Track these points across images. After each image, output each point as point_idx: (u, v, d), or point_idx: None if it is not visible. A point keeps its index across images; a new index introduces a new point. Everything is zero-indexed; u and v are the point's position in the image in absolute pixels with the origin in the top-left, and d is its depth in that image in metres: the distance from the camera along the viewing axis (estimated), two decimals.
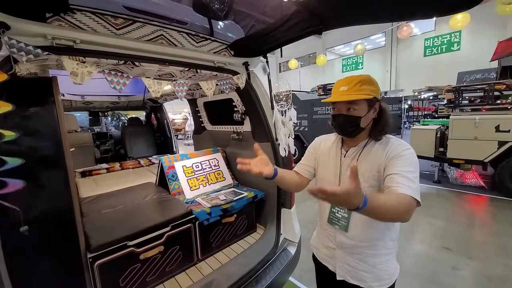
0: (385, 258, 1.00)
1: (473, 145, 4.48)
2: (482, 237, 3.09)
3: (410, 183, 0.83)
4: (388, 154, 0.93)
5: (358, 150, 1.02)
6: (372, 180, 0.95)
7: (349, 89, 0.94)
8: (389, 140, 0.98)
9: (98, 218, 1.55)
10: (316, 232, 1.26)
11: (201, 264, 1.74)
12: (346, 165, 1.03)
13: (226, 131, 2.63)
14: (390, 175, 0.87)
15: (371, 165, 0.96)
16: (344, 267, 1.05)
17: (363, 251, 1.00)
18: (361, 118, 0.96)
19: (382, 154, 0.95)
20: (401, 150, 0.92)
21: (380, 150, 0.96)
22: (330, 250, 1.10)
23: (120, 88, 1.23)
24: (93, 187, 2.33)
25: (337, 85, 0.99)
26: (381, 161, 0.94)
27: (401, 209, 0.78)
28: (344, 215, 1.03)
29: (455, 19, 3.20)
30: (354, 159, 1.01)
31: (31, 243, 1.01)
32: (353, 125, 0.97)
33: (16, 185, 0.91)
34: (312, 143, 1.26)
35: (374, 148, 0.99)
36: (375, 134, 0.99)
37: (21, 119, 0.99)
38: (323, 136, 1.24)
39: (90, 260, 1.23)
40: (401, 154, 0.91)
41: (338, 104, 0.99)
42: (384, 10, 1.09)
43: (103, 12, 1.09)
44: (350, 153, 1.04)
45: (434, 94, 8.75)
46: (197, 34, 1.44)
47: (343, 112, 0.97)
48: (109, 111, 4.52)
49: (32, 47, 0.99)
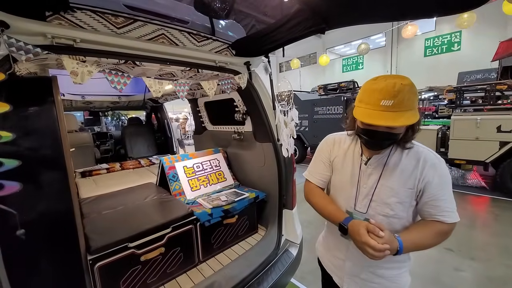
0: (398, 271, 0.94)
1: (474, 146, 4.46)
2: (484, 238, 3.08)
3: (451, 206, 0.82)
4: (424, 171, 0.83)
5: (382, 158, 0.90)
6: (403, 196, 0.85)
7: (395, 105, 0.73)
8: (418, 150, 0.87)
9: (98, 219, 1.53)
10: (323, 236, 1.19)
11: (202, 265, 1.73)
12: (368, 174, 0.92)
13: (227, 131, 2.62)
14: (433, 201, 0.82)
15: (402, 179, 0.85)
16: (354, 281, 0.98)
17: (376, 263, 0.91)
18: (401, 134, 0.82)
19: (415, 168, 0.84)
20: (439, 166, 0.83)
21: (410, 163, 0.85)
22: (338, 260, 1.03)
23: (120, 88, 1.21)
24: (93, 188, 2.31)
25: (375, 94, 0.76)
26: (414, 176, 0.84)
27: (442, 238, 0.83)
28: None
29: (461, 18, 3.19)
30: (377, 169, 0.90)
31: (30, 246, 1.00)
32: (390, 142, 0.84)
33: (12, 188, 0.90)
34: (322, 145, 1.10)
35: (402, 159, 0.87)
36: (405, 142, 0.86)
37: (19, 120, 0.97)
38: (334, 136, 1.08)
39: (91, 262, 1.22)
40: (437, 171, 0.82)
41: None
42: (388, 8, 1.08)
43: (103, 11, 1.08)
44: (373, 161, 0.91)
45: (435, 94, 8.73)
46: (199, 34, 1.42)
47: (382, 130, 0.79)
48: (110, 111, 4.50)
49: (32, 46, 0.97)
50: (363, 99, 0.81)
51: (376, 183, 0.89)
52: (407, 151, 0.88)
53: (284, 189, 1.94)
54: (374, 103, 0.76)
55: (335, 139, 1.07)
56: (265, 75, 1.97)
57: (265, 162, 2.06)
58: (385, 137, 0.81)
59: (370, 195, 0.90)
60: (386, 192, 0.87)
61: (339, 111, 6.30)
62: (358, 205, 0.94)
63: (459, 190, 4.77)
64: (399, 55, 13.10)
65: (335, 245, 1.05)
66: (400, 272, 0.94)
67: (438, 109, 8.54)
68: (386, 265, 0.93)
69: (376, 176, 0.90)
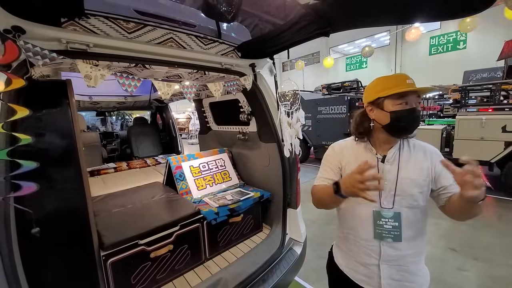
0: (422, 263, 0.97)
1: (479, 146, 4.43)
2: (487, 238, 3.07)
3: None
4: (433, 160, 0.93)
5: (395, 153, 0.96)
6: (423, 185, 0.91)
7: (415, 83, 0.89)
8: (420, 143, 0.98)
9: (109, 217, 1.59)
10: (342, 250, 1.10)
11: (209, 263, 1.77)
12: (387, 171, 0.95)
13: (232, 132, 2.65)
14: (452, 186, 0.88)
15: (419, 170, 0.92)
16: (388, 283, 0.94)
17: (408, 260, 0.93)
18: None
19: (424, 158, 0.94)
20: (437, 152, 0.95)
21: (419, 155, 0.95)
22: (372, 267, 0.97)
23: (131, 90, 1.25)
24: (101, 187, 2.37)
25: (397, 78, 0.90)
26: (427, 166, 0.92)
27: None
28: (394, 224, 0.92)
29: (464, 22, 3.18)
30: (394, 164, 0.95)
31: (47, 242, 1.04)
32: (419, 119, 0.95)
33: (29, 188, 0.93)
34: (329, 153, 1.10)
35: (412, 152, 0.96)
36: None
37: (37, 123, 1.02)
38: (339, 143, 1.10)
39: (103, 258, 1.27)
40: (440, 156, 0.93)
41: (411, 97, 0.89)
42: (392, 12, 1.10)
43: (115, 17, 1.12)
44: (389, 156, 0.96)
45: (440, 93, 8.65)
46: (205, 37, 1.46)
47: (415, 106, 0.90)
48: (116, 111, 4.56)
49: (48, 51, 1.01)
50: (386, 86, 0.90)
51: (396, 177, 0.93)
52: (411, 145, 0.97)
53: (289, 189, 1.97)
54: (400, 83, 0.88)
55: (342, 145, 1.07)
56: (270, 76, 2.00)
57: (270, 162, 2.09)
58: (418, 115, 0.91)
59: (393, 190, 0.93)
60: (408, 184, 0.91)
61: (343, 111, 6.29)
62: (383, 203, 0.94)
63: None
64: (403, 53, 12.99)
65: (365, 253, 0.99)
66: (423, 264, 0.97)
67: (443, 108, 8.48)
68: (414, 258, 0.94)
69: (395, 171, 0.94)
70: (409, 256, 0.93)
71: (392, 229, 0.92)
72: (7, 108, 0.89)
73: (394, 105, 0.89)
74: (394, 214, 0.92)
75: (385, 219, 0.93)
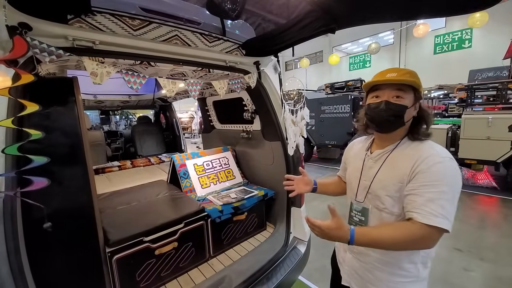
0: (400, 279, 0.88)
1: (485, 145, 4.38)
2: (493, 238, 3.04)
3: (434, 208, 0.71)
4: (416, 165, 0.79)
5: (384, 153, 0.92)
6: (392, 191, 0.84)
7: (398, 75, 0.82)
8: (423, 146, 0.84)
9: (114, 214, 1.59)
10: None
11: (213, 260, 1.77)
12: (368, 167, 0.95)
13: (235, 130, 2.65)
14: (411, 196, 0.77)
15: (395, 173, 0.85)
16: (351, 273, 1.01)
17: (371, 262, 0.92)
18: (407, 108, 0.82)
19: (410, 162, 0.81)
20: (432, 162, 0.76)
21: (409, 157, 0.83)
22: (343, 252, 1.08)
23: (137, 88, 1.26)
24: (106, 184, 2.39)
25: (383, 72, 0.86)
26: (406, 171, 0.81)
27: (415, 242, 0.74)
28: (361, 217, 0.96)
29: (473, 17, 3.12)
30: (378, 162, 0.92)
31: (54, 238, 1.05)
32: (396, 115, 0.83)
33: (41, 183, 0.94)
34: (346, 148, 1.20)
35: (403, 153, 0.86)
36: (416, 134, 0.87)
37: (46, 118, 1.03)
38: (355, 140, 1.17)
39: (109, 255, 1.27)
40: (430, 168, 0.76)
41: (384, 90, 0.85)
42: (399, 8, 1.08)
43: (121, 14, 1.12)
44: (375, 155, 0.94)
45: (445, 92, 8.57)
46: (210, 34, 1.46)
47: (388, 99, 0.84)
48: (120, 109, 4.59)
49: (54, 48, 1.02)
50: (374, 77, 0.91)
51: (374, 176, 0.92)
52: (413, 146, 0.86)
53: None
54: (380, 76, 0.87)
55: (354, 142, 1.16)
56: (274, 74, 1.99)
57: (274, 160, 2.09)
58: (392, 107, 0.83)
59: (367, 188, 0.94)
60: (377, 184, 0.90)
61: (346, 110, 6.26)
62: (358, 197, 0.99)
63: (469, 190, 4.70)
64: (407, 52, 12.88)
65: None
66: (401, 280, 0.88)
67: (448, 107, 8.39)
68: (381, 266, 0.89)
69: (375, 170, 0.93)
70: (373, 259, 0.91)
71: (359, 222, 0.97)
72: (17, 103, 0.90)
73: (369, 98, 0.92)
74: (362, 209, 0.96)
75: (354, 211, 0.99)
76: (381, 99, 0.85)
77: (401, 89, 0.83)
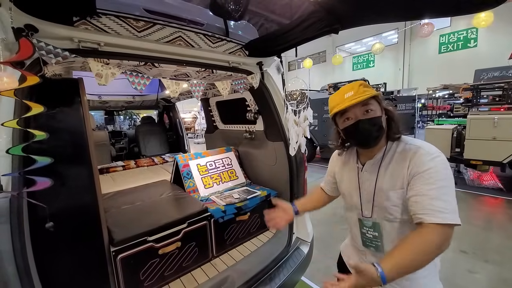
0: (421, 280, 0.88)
1: (491, 146, 4.32)
2: (499, 240, 2.99)
3: (440, 204, 0.71)
4: (411, 168, 0.80)
5: (375, 163, 0.91)
6: (395, 198, 0.83)
7: (356, 93, 0.83)
8: (410, 148, 0.85)
9: (118, 213, 1.61)
10: (348, 240, 1.18)
11: (216, 260, 1.78)
12: (365, 180, 0.93)
13: (238, 130, 2.66)
14: (414, 197, 0.76)
15: (393, 180, 0.84)
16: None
17: None
18: (381, 117, 0.85)
19: (403, 166, 0.82)
20: (425, 161, 0.78)
21: (401, 163, 0.84)
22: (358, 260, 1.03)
23: (141, 89, 1.27)
24: (111, 184, 2.41)
25: (339, 95, 0.87)
26: (403, 176, 0.82)
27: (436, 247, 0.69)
28: (374, 233, 0.92)
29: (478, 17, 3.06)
30: (373, 173, 0.91)
31: (59, 237, 1.06)
32: (377, 127, 0.84)
33: (44, 183, 0.96)
34: (331, 158, 1.20)
35: (393, 160, 0.87)
36: (393, 134, 0.89)
37: (51, 119, 1.04)
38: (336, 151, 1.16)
39: (113, 254, 1.28)
40: (426, 167, 0.77)
41: (352, 111, 0.85)
42: (403, 8, 1.08)
43: (126, 15, 1.13)
44: (368, 167, 0.93)
45: (450, 92, 8.49)
46: (213, 35, 1.46)
47: (361, 117, 0.85)
48: (124, 110, 4.63)
49: (60, 49, 1.03)
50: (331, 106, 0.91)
51: (374, 188, 0.89)
52: (400, 149, 0.87)
53: (296, 188, 1.96)
54: (339, 100, 0.87)
55: (337, 153, 1.13)
56: (277, 75, 1.99)
57: (277, 161, 2.09)
58: (367, 123, 0.84)
59: (371, 201, 0.91)
60: (381, 196, 0.87)
61: None
62: (364, 212, 0.95)
63: (475, 191, 4.64)
64: (412, 52, 12.77)
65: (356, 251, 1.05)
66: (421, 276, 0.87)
67: (453, 108, 8.31)
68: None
69: (372, 181, 0.90)
70: None
71: (373, 239, 0.93)
72: (22, 105, 0.91)
73: (341, 122, 0.91)
74: (373, 224, 0.92)
75: (366, 228, 0.95)
76: (354, 120, 0.86)
77: (365, 103, 0.84)
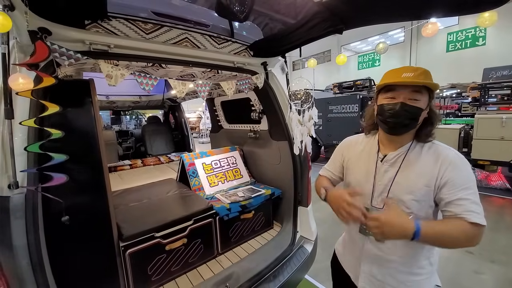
0: (418, 277, 0.91)
1: (499, 146, 4.25)
2: (505, 240, 2.95)
3: (478, 208, 0.76)
4: (443, 168, 0.81)
5: (399, 155, 0.89)
6: (419, 194, 0.84)
7: (415, 77, 0.79)
8: (438, 148, 0.86)
9: (126, 210, 1.66)
10: (343, 237, 1.19)
11: (221, 257, 1.81)
12: (383, 171, 0.92)
13: (243, 130, 2.69)
14: (456, 200, 0.78)
15: (418, 176, 0.84)
16: (369, 279, 0.96)
17: (393, 266, 0.91)
18: (422, 111, 0.82)
19: (433, 165, 0.83)
20: (461, 166, 0.81)
21: (429, 160, 0.84)
22: (355, 258, 1.03)
23: (149, 89, 1.31)
24: (118, 182, 2.47)
25: (398, 71, 0.83)
26: (432, 175, 0.82)
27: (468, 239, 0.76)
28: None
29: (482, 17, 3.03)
30: (394, 166, 0.90)
31: (73, 232, 1.11)
32: (411, 117, 0.82)
33: (60, 179, 1.00)
34: (339, 147, 1.15)
35: (421, 156, 0.86)
36: (425, 136, 0.87)
37: (66, 119, 1.09)
38: (351, 138, 1.13)
39: (122, 249, 1.33)
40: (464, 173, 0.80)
41: (400, 91, 0.82)
42: (406, 8, 1.09)
43: (135, 18, 1.17)
44: (390, 157, 0.91)
45: (458, 91, 8.34)
46: (219, 36, 1.49)
47: (404, 101, 0.81)
48: (131, 110, 4.70)
49: (73, 52, 1.08)
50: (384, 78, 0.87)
51: (392, 180, 0.89)
52: (426, 148, 0.87)
53: (300, 187, 1.98)
54: (395, 76, 0.83)
55: (351, 141, 1.10)
56: (281, 75, 2.01)
57: (281, 160, 2.11)
58: (408, 109, 0.81)
59: (386, 192, 0.91)
60: (401, 189, 0.87)
61: (355, 110, 6.19)
62: (374, 202, 0.94)
63: (482, 192, 4.57)
64: (419, 50, 12.58)
65: (353, 243, 1.05)
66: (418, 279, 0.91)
67: (461, 107, 8.17)
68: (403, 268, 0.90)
69: (392, 173, 0.90)
70: (396, 263, 0.90)
71: None
72: (37, 104, 0.96)
73: (382, 98, 0.88)
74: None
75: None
76: (397, 101, 0.83)
77: (417, 91, 0.81)
